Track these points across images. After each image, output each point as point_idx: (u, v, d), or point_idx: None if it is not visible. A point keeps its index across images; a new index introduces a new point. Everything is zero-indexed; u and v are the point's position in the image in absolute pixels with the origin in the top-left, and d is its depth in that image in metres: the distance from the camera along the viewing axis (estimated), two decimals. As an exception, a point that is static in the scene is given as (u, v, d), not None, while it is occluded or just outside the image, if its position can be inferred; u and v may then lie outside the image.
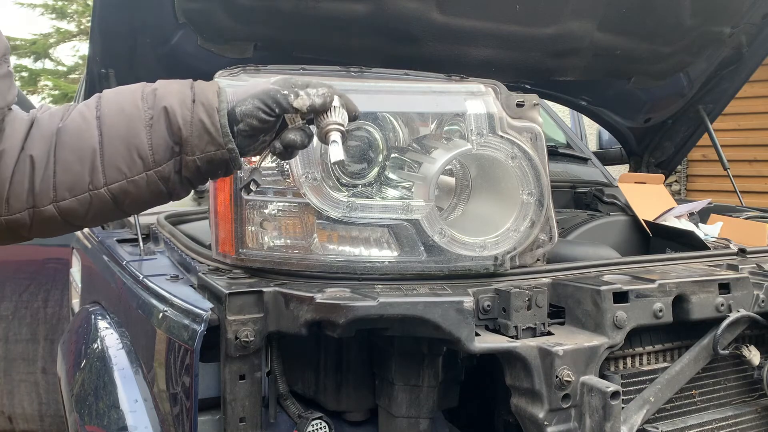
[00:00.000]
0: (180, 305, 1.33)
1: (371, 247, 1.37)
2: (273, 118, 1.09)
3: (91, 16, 1.95)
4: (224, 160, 1.08)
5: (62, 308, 2.49)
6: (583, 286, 1.33)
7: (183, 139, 1.06)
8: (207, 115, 1.06)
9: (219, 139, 1.06)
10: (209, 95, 1.08)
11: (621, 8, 2.21)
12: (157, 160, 1.06)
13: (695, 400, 1.46)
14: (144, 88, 1.10)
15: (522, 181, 1.42)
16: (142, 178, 1.06)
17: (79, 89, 3.40)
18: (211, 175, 1.11)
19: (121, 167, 1.05)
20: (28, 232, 1.07)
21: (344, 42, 2.12)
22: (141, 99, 1.08)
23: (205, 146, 1.06)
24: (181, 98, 1.07)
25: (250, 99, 1.09)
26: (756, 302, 1.45)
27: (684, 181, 7.47)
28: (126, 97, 1.09)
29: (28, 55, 13.26)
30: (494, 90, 1.45)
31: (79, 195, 1.05)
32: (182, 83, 1.10)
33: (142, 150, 1.05)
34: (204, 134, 1.06)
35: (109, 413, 1.46)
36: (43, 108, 1.11)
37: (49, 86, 13.21)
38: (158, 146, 1.06)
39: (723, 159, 2.87)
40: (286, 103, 1.09)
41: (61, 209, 1.05)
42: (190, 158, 1.07)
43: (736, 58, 2.66)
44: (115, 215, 1.12)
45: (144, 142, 1.05)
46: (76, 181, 1.04)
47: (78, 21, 13.25)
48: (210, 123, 1.06)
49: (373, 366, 1.46)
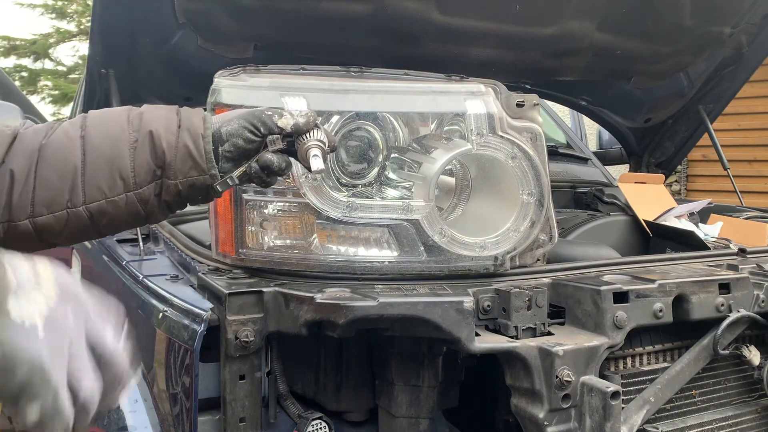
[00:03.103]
0: (180, 305, 1.33)
1: (371, 247, 1.37)
2: (258, 138, 1.11)
3: (91, 16, 1.95)
4: (205, 186, 1.10)
5: (62, 308, 2.48)
6: (583, 286, 1.33)
7: (166, 163, 1.07)
8: (192, 141, 1.08)
9: (202, 164, 1.08)
10: (195, 121, 1.10)
11: (621, 8, 2.21)
12: (138, 182, 1.07)
13: (695, 400, 1.46)
14: (130, 112, 1.12)
15: (522, 181, 1.42)
16: (122, 199, 1.07)
17: (79, 89, 3.40)
18: (190, 200, 1.13)
19: (101, 186, 1.06)
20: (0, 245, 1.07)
21: (344, 42, 2.12)
22: (127, 121, 1.09)
23: (188, 171, 1.08)
24: (167, 123, 1.09)
25: (236, 119, 1.11)
26: (756, 302, 1.45)
27: (684, 181, 7.47)
28: (112, 119, 1.10)
29: (28, 55, 13.26)
30: (494, 90, 1.45)
31: (57, 212, 1.05)
32: (168, 109, 1.13)
33: (123, 171, 1.06)
34: (188, 159, 1.08)
35: (109, 413, 1.46)
36: (26, 124, 1.11)
37: (48, 86, 13.20)
38: (140, 168, 1.07)
39: (723, 159, 2.87)
40: (271, 122, 1.11)
41: (37, 225, 1.05)
42: (172, 182, 1.08)
43: (736, 58, 2.66)
44: (90, 235, 1.12)
45: (127, 163, 1.06)
46: (55, 198, 1.05)
47: (78, 21, 13.25)
48: (194, 148, 1.08)
49: (373, 366, 1.45)
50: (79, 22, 13.20)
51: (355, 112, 1.39)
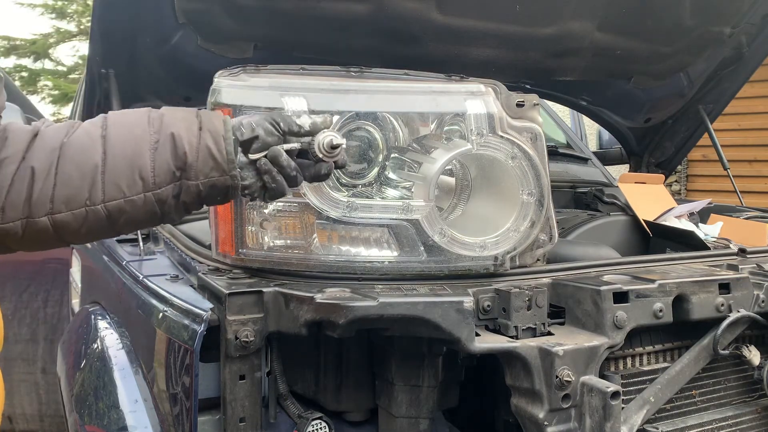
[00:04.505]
0: (180, 305, 1.33)
1: (371, 247, 1.37)
2: (278, 134, 1.15)
3: (91, 16, 1.96)
4: (226, 186, 1.13)
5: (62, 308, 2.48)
6: (583, 286, 1.33)
7: (188, 164, 1.10)
8: (213, 142, 1.11)
9: (224, 165, 1.11)
10: (216, 123, 1.13)
11: (621, 8, 2.21)
12: (157, 183, 1.09)
13: (695, 400, 1.46)
14: (150, 113, 1.14)
15: (522, 181, 1.42)
16: (140, 199, 1.09)
17: (79, 89, 3.40)
18: (209, 201, 1.16)
19: (121, 185, 1.08)
20: (17, 243, 1.09)
21: (344, 42, 2.12)
22: (148, 123, 1.12)
23: (209, 172, 1.11)
24: (188, 125, 1.12)
25: (257, 114, 1.17)
26: (756, 302, 1.45)
27: (684, 181, 7.46)
28: (133, 120, 1.13)
29: (28, 55, 13.26)
30: (494, 90, 1.45)
31: (75, 209, 1.07)
32: (188, 111, 1.16)
33: (144, 171, 1.09)
34: (209, 160, 1.11)
35: (109, 413, 1.46)
36: (46, 122, 1.14)
37: (48, 86, 13.19)
38: (160, 169, 1.09)
39: (723, 159, 2.87)
40: (290, 119, 1.16)
41: (55, 222, 1.07)
42: (192, 183, 1.11)
43: (736, 58, 2.66)
44: (107, 233, 1.14)
45: (147, 164, 1.09)
46: (74, 195, 1.07)
47: (78, 21, 13.24)
48: (216, 149, 1.11)
49: (373, 366, 1.46)
50: (79, 22, 13.19)
51: (355, 112, 1.39)
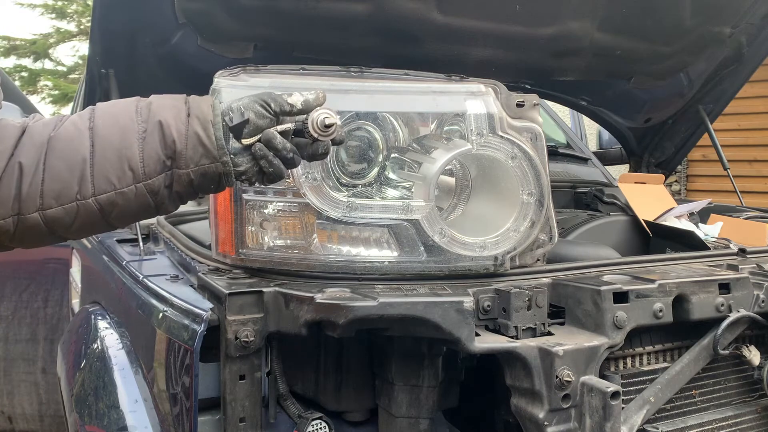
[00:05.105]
0: (180, 305, 1.33)
1: (371, 247, 1.37)
2: (269, 115, 1.10)
3: (91, 16, 1.96)
4: (218, 174, 1.10)
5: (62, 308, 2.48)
6: (583, 286, 1.33)
7: (177, 152, 1.07)
8: (202, 128, 1.08)
9: (214, 152, 1.08)
10: (204, 108, 1.10)
11: (621, 8, 2.21)
12: (147, 173, 1.07)
13: (695, 400, 1.46)
14: (138, 102, 1.11)
15: (522, 181, 1.42)
16: (131, 190, 1.07)
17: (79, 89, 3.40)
18: (202, 189, 1.12)
19: (110, 178, 1.06)
20: (10, 240, 1.07)
21: (344, 42, 2.12)
22: (135, 112, 1.09)
23: (199, 159, 1.08)
24: (176, 112, 1.09)
25: (246, 97, 1.11)
26: (756, 302, 1.45)
27: (684, 181, 7.47)
28: (120, 110, 1.10)
29: (28, 55, 13.26)
30: (494, 90, 1.45)
31: (66, 204, 1.05)
32: (176, 98, 1.12)
33: (133, 162, 1.06)
34: (199, 147, 1.07)
35: (109, 413, 1.46)
36: (35, 117, 1.12)
37: (48, 86, 13.20)
38: (149, 159, 1.07)
39: (723, 159, 2.87)
40: (281, 99, 1.11)
41: (46, 217, 1.05)
42: (183, 171, 1.08)
43: (736, 58, 2.66)
44: (100, 227, 1.12)
45: (136, 154, 1.06)
46: (64, 190, 1.05)
47: (78, 21, 13.25)
48: (205, 136, 1.07)
49: (373, 366, 1.45)
50: (79, 22, 13.20)
51: (355, 112, 1.39)
